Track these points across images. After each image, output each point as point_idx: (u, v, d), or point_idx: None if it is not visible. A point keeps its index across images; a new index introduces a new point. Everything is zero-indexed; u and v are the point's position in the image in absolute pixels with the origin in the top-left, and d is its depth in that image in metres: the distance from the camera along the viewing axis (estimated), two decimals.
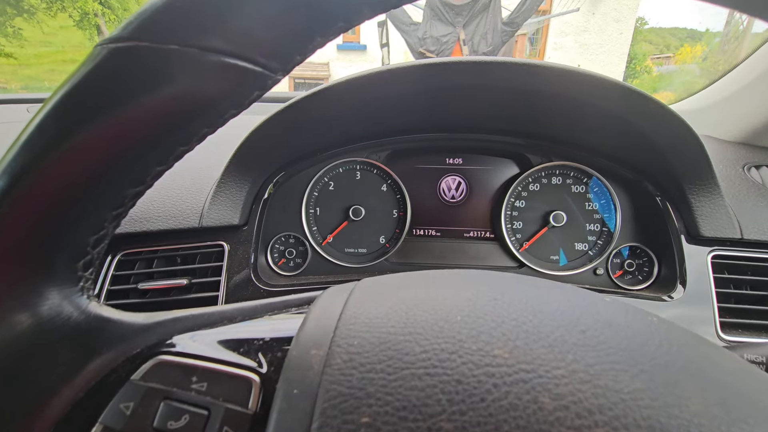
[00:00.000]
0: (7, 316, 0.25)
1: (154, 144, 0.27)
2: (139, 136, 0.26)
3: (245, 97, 0.28)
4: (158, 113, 0.26)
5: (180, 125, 0.28)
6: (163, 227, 0.73)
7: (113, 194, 0.28)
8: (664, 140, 0.71)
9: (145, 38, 0.24)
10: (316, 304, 0.30)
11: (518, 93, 0.72)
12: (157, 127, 0.27)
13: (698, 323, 0.74)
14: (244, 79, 0.27)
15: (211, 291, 0.75)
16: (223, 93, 0.27)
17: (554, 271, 0.90)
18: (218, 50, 0.26)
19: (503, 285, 0.29)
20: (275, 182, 0.85)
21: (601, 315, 0.27)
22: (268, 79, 0.28)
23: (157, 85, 0.25)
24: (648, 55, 22.60)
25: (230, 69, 0.26)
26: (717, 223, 0.75)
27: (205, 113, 0.28)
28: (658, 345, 0.25)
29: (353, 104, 0.73)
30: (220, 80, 0.27)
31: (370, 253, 0.96)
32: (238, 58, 0.26)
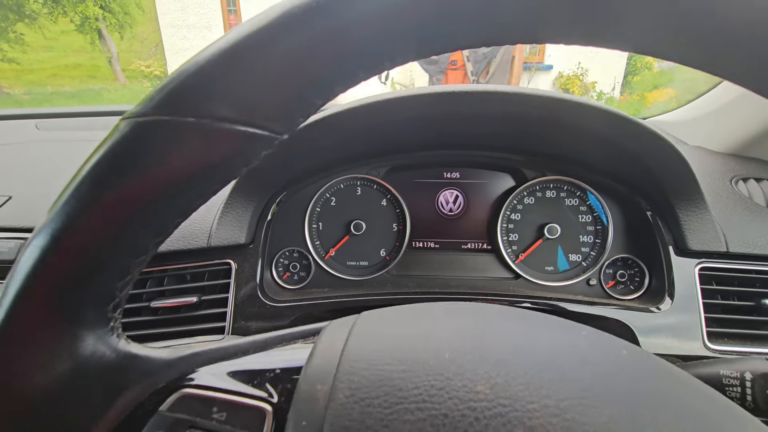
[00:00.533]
0: (49, 361, 0.28)
1: (174, 202, 0.31)
2: (161, 197, 0.30)
3: (255, 157, 0.32)
4: (178, 176, 0.30)
5: (197, 184, 0.31)
6: (173, 248, 0.76)
7: (139, 246, 0.32)
8: (653, 161, 0.74)
9: (166, 112, 0.28)
10: (320, 338, 0.33)
11: (514, 118, 0.75)
12: (177, 187, 0.30)
13: (686, 333, 0.77)
14: (253, 142, 0.31)
15: (219, 307, 0.78)
16: (235, 156, 0.31)
17: (549, 281, 0.94)
18: (229, 119, 0.29)
19: (490, 320, 0.33)
20: (278, 201, 0.88)
21: (577, 351, 0.30)
22: (275, 140, 0.32)
23: (178, 152, 0.29)
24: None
25: (240, 135, 0.30)
26: (704, 236, 0.78)
27: (218, 173, 0.31)
28: (627, 379, 0.29)
29: (356, 130, 0.76)
30: (232, 145, 0.30)
31: (372, 265, 0.99)
32: (247, 124, 0.30)
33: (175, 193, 0.30)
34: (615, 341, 0.33)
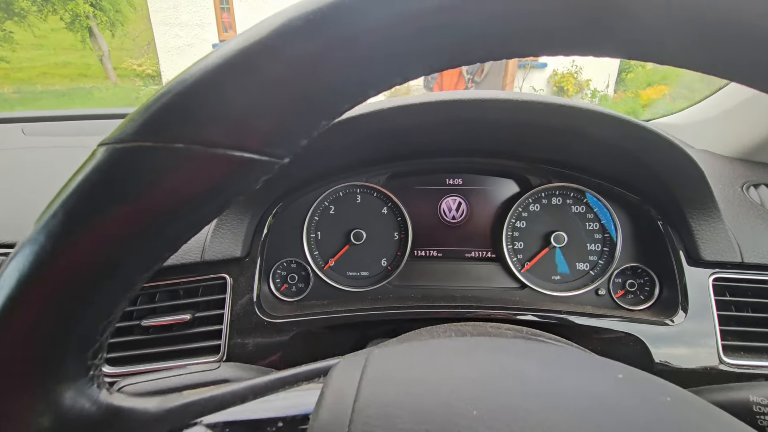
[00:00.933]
0: (26, 426, 0.25)
1: (160, 237, 0.27)
2: (144, 234, 0.26)
3: (252, 184, 0.28)
4: (164, 209, 0.26)
5: (187, 216, 0.27)
6: (165, 263, 0.72)
7: (120, 286, 0.28)
8: (664, 169, 0.71)
9: (149, 138, 0.24)
10: (329, 383, 0.30)
11: (520, 126, 0.72)
12: (163, 221, 0.26)
13: (700, 346, 0.74)
14: (251, 169, 0.27)
15: (214, 324, 0.75)
16: (230, 184, 0.27)
17: (556, 291, 0.91)
18: (222, 144, 0.25)
19: (518, 363, 0.29)
20: (275, 213, 0.84)
21: (620, 406, 0.27)
22: (275, 165, 0.28)
23: (165, 183, 0.25)
24: None
25: (236, 161, 0.26)
26: (717, 246, 0.75)
27: (211, 204, 0.28)
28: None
29: (355, 138, 0.73)
30: (226, 173, 0.27)
31: (372, 276, 0.96)
32: (244, 149, 0.26)
33: (161, 227, 0.27)
34: (655, 386, 0.30)
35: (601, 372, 0.30)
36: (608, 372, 0.30)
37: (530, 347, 0.32)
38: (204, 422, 0.29)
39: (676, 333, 0.75)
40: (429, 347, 0.33)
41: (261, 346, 0.75)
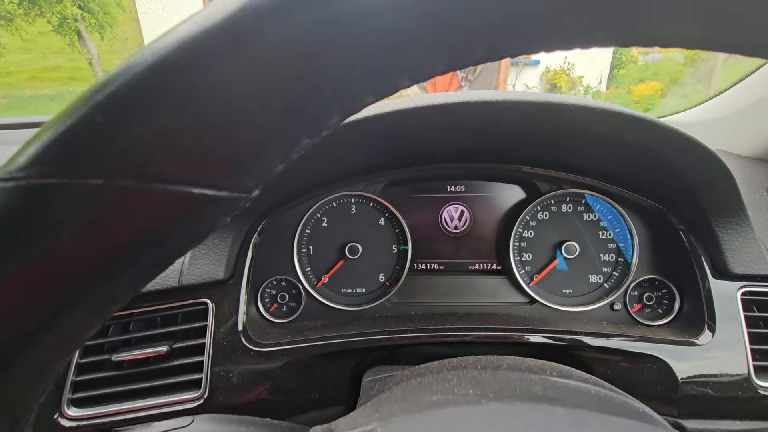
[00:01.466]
0: None
1: (83, 297, 0.20)
2: (57, 291, 0.19)
3: (209, 227, 0.21)
4: (87, 261, 0.19)
5: (119, 272, 0.20)
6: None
7: (36, 365, 0.21)
8: (691, 171, 0.64)
9: (52, 171, 0.17)
10: None
11: (528, 129, 0.65)
12: (87, 277, 0.19)
13: (729, 367, 0.68)
14: (205, 206, 0.20)
15: (195, 356, 0.67)
16: (175, 227, 0.20)
17: (568, 306, 0.84)
18: (163, 179, 0.18)
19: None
20: (260, 229, 0.77)
21: None
22: (240, 201, 0.21)
23: (75, 230, 0.18)
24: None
25: (183, 198, 0.19)
26: (747, 258, 0.69)
27: (152, 254, 0.20)
28: None
29: (349, 144, 0.66)
30: (168, 213, 0.19)
31: (370, 293, 0.88)
32: (194, 184, 0.19)
33: (78, 286, 0.20)
34: None
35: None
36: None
37: (573, 419, 0.25)
38: None
39: (703, 353, 0.69)
40: (445, 422, 0.26)
41: (248, 377, 0.68)
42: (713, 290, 0.71)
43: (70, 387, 0.63)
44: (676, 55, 19.40)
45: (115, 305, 0.21)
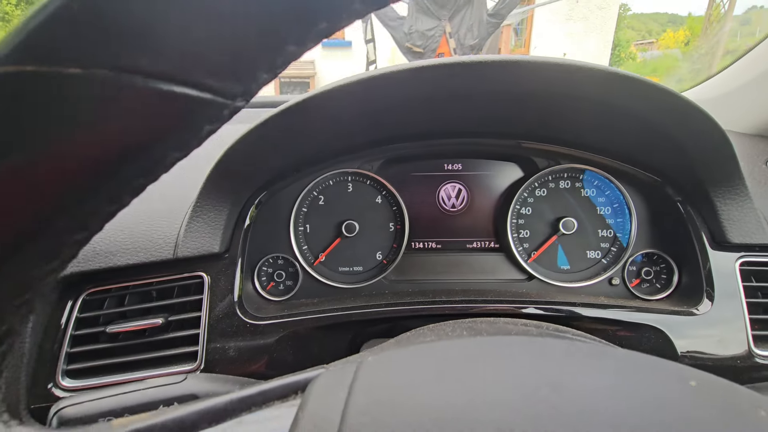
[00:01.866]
0: None
1: (60, 207, 0.19)
2: (33, 198, 0.18)
3: (192, 135, 0.21)
4: (62, 164, 0.18)
5: (97, 177, 0.20)
6: (132, 261, 0.64)
7: (10, 277, 0.20)
8: (689, 139, 0.64)
9: (30, 60, 0.17)
10: (306, 406, 0.22)
11: (523, 94, 0.64)
12: (59, 182, 0.19)
13: (728, 337, 0.68)
14: (188, 110, 0.19)
15: (191, 329, 0.67)
16: (157, 130, 0.20)
17: (565, 282, 0.84)
18: (143, 72, 0.18)
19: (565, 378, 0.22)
20: (257, 202, 0.76)
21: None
22: (224, 108, 0.20)
23: (54, 124, 0.17)
24: (631, 42, 22.72)
25: (164, 97, 0.18)
26: (746, 228, 0.68)
27: (132, 160, 0.20)
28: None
29: (341, 115, 0.65)
30: (150, 114, 0.19)
31: (367, 270, 0.88)
32: (176, 82, 0.18)
33: (55, 194, 0.19)
34: (742, 395, 0.22)
35: (670, 379, 0.22)
36: (677, 378, 0.22)
37: (569, 348, 0.25)
38: None
39: (701, 323, 0.68)
40: (438, 352, 0.25)
41: (244, 351, 0.67)
42: (712, 261, 0.71)
43: (65, 358, 0.62)
44: (674, 51, 19.39)
45: (98, 216, 0.21)
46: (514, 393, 0.20)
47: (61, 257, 0.21)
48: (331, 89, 0.58)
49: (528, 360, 0.23)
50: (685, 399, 0.20)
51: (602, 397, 0.20)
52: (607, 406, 0.19)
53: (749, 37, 12.63)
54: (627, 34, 24.87)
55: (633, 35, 27.43)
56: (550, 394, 0.20)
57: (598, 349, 0.25)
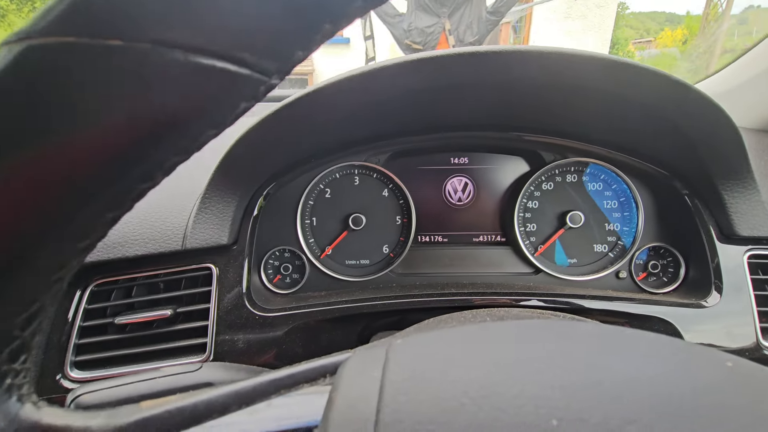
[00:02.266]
0: None
1: (97, 185, 0.19)
2: (71, 176, 0.18)
3: (229, 111, 0.20)
4: (98, 140, 0.18)
5: (134, 155, 0.19)
6: (141, 252, 0.64)
7: (46, 254, 0.20)
8: (698, 131, 0.64)
9: (72, 31, 0.16)
10: (339, 387, 0.22)
11: (528, 86, 0.64)
12: (97, 160, 0.18)
13: (736, 329, 0.68)
14: (226, 86, 0.19)
15: (199, 320, 0.66)
16: (196, 107, 0.19)
17: (572, 275, 0.84)
18: (184, 46, 0.17)
19: (596, 358, 0.22)
20: (266, 194, 0.76)
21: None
22: (260, 85, 0.20)
23: (95, 101, 0.17)
24: (630, 40, 22.77)
25: (204, 72, 0.18)
26: (754, 220, 0.68)
27: (169, 136, 0.20)
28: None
29: (346, 106, 0.64)
30: (189, 89, 0.19)
31: (373, 264, 0.88)
32: (216, 56, 0.18)
33: (90, 171, 0.19)
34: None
35: (706, 360, 0.22)
36: (712, 360, 0.22)
37: (602, 330, 0.25)
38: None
39: (710, 315, 0.69)
40: (467, 334, 0.25)
41: (253, 342, 0.67)
42: (720, 254, 0.71)
43: (73, 349, 0.62)
44: (672, 50, 19.43)
45: (130, 194, 0.21)
46: (550, 371, 0.20)
47: (93, 236, 0.21)
48: (337, 81, 0.58)
49: (560, 340, 0.23)
50: (724, 377, 0.20)
51: (640, 373, 0.20)
52: (646, 384, 0.19)
53: (746, 36, 12.66)
54: (625, 32, 24.92)
55: (631, 34, 27.49)
56: (587, 372, 0.20)
57: (628, 331, 0.25)
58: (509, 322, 0.26)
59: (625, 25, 26.80)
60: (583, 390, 0.19)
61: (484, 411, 0.18)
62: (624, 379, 0.19)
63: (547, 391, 0.19)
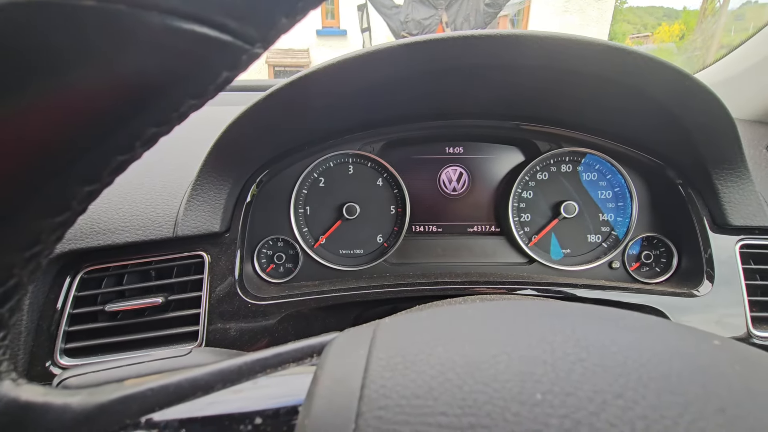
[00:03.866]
0: None
1: (70, 151, 0.18)
2: (42, 140, 0.17)
3: (209, 80, 0.20)
4: (70, 103, 0.17)
5: (109, 121, 0.19)
6: (131, 239, 0.63)
7: (19, 226, 0.19)
8: (692, 119, 0.64)
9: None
10: (324, 366, 0.21)
11: (524, 72, 0.63)
12: (69, 123, 0.18)
13: (727, 318, 0.68)
14: (205, 52, 0.19)
15: (191, 308, 0.66)
16: (174, 73, 0.19)
17: (567, 265, 0.84)
18: (161, 8, 0.17)
19: (587, 334, 0.22)
20: (259, 181, 0.75)
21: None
22: (242, 54, 0.20)
23: (70, 62, 0.17)
24: (627, 35, 22.74)
25: (182, 37, 0.18)
26: (746, 210, 0.69)
27: (149, 105, 0.19)
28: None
29: (340, 91, 0.64)
30: (166, 54, 0.18)
31: (367, 253, 0.88)
32: (194, 20, 0.18)
33: (67, 140, 0.18)
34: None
35: (693, 338, 0.22)
36: (700, 337, 0.22)
37: (591, 309, 0.24)
38: (152, 421, 0.21)
39: (701, 304, 0.69)
40: (456, 314, 0.25)
41: (245, 331, 0.67)
42: (712, 243, 0.71)
43: (63, 336, 0.61)
44: (669, 45, 19.42)
45: (109, 166, 0.20)
46: (537, 347, 0.20)
47: (72, 209, 0.21)
48: (331, 64, 0.57)
49: (547, 318, 0.23)
50: (711, 353, 0.20)
51: (626, 349, 0.20)
52: (631, 357, 0.19)
53: (743, 32, 12.65)
54: (623, 27, 24.88)
55: (629, 28, 27.43)
56: (574, 348, 0.20)
57: (613, 310, 0.25)
58: (497, 301, 0.26)
59: (622, 19, 26.74)
60: (569, 365, 0.19)
61: (468, 385, 0.18)
62: (610, 354, 0.19)
63: (533, 366, 0.19)
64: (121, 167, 0.20)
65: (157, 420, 0.21)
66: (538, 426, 0.16)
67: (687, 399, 0.17)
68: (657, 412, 0.17)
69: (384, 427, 0.17)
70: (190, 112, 0.21)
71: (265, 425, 0.21)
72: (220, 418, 0.21)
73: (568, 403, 0.17)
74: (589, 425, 0.16)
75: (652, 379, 0.18)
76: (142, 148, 0.21)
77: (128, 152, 0.20)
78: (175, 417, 0.21)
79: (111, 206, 0.65)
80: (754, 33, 0.98)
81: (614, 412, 0.17)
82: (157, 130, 0.20)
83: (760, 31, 0.96)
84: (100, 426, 0.20)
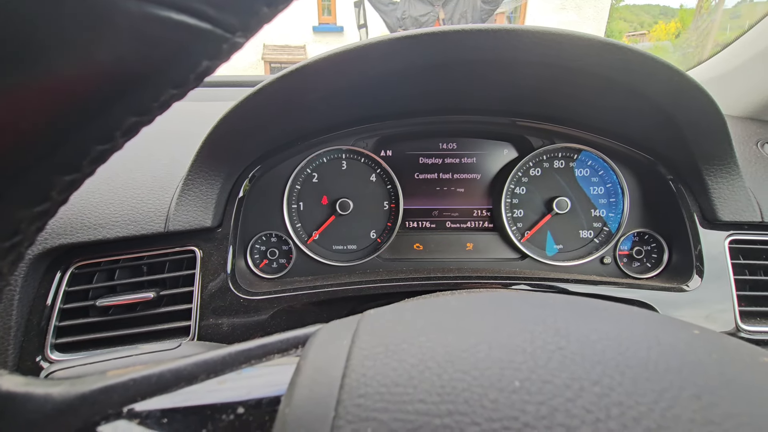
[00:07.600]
0: None
1: (47, 138, 0.18)
2: (17, 126, 0.17)
3: (190, 69, 0.20)
4: (45, 89, 0.17)
5: (87, 108, 0.19)
6: (122, 234, 0.63)
7: (3, 213, 0.19)
8: (684, 115, 0.64)
9: None
10: (307, 356, 0.22)
11: (516, 67, 0.63)
12: (45, 110, 0.18)
13: (716, 313, 0.69)
14: (185, 41, 0.19)
15: (183, 303, 0.66)
16: (152, 61, 0.19)
17: (559, 261, 0.84)
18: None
19: (566, 324, 0.22)
20: (251, 176, 0.75)
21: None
22: (223, 42, 0.20)
23: (46, 48, 0.16)
24: (624, 33, 22.78)
25: (160, 24, 0.17)
26: (736, 205, 0.69)
27: (127, 93, 0.19)
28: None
29: (333, 85, 0.63)
30: (144, 42, 0.18)
31: (361, 249, 0.88)
32: (173, 7, 0.17)
33: (47, 130, 0.18)
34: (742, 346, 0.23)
35: (672, 326, 0.22)
36: (679, 326, 0.23)
37: (573, 300, 0.25)
38: (134, 411, 0.21)
39: (691, 299, 0.70)
40: (440, 305, 0.25)
41: (237, 326, 0.67)
42: (702, 238, 0.72)
43: (54, 332, 0.61)
44: (665, 43, 19.47)
45: (89, 156, 0.20)
46: (517, 336, 0.20)
47: (52, 199, 0.20)
48: (323, 57, 0.57)
49: (528, 308, 0.23)
50: (689, 342, 0.20)
51: (606, 338, 0.20)
52: (610, 346, 0.19)
53: (738, 30, 12.71)
54: (619, 25, 24.93)
55: (625, 26, 27.48)
56: (554, 337, 0.20)
57: (597, 301, 0.25)
58: (480, 294, 0.26)
59: (619, 17, 26.79)
60: (548, 353, 0.19)
61: (448, 373, 0.18)
62: (590, 343, 0.19)
63: (512, 354, 0.19)
64: (101, 157, 0.20)
65: (139, 410, 0.21)
66: (515, 412, 0.16)
67: (663, 386, 0.17)
68: (632, 399, 0.17)
69: (363, 414, 0.17)
70: (171, 102, 0.20)
71: (248, 415, 0.21)
72: (203, 408, 0.21)
73: (546, 390, 0.17)
74: (565, 411, 0.16)
75: (629, 367, 0.18)
76: (123, 138, 0.20)
77: (108, 142, 0.20)
78: (157, 407, 0.21)
79: (102, 201, 0.65)
80: (744, 32, 0.98)
81: (590, 399, 0.17)
82: (137, 119, 0.20)
83: (752, 29, 0.96)
84: (81, 416, 0.20)
